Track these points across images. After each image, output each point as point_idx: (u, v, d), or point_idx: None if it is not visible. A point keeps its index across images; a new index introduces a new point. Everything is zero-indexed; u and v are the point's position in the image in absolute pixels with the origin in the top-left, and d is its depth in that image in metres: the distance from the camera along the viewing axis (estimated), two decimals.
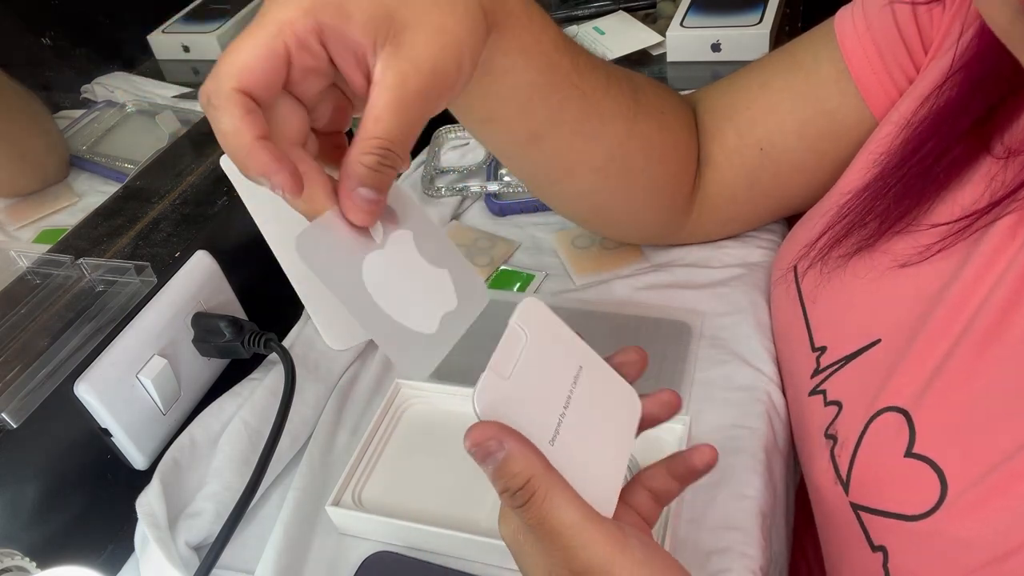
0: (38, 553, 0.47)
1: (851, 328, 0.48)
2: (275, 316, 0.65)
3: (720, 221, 0.64)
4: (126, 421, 0.55)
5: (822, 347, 0.49)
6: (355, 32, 0.34)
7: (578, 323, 0.64)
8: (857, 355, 0.47)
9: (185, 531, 0.53)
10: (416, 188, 0.78)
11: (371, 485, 0.53)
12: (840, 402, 0.46)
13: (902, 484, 0.41)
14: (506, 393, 0.34)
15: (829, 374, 0.48)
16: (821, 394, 0.48)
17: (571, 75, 0.48)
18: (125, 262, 0.57)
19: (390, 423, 0.56)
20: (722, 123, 0.59)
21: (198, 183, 0.68)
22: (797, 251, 0.54)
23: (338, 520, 0.51)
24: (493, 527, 0.48)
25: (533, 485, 0.33)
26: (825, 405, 0.48)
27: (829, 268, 0.50)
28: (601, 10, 1.06)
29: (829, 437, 0.46)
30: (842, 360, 0.48)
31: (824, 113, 0.56)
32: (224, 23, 0.98)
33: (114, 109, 0.90)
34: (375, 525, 0.50)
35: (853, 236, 0.48)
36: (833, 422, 0.46)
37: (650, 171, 0.56)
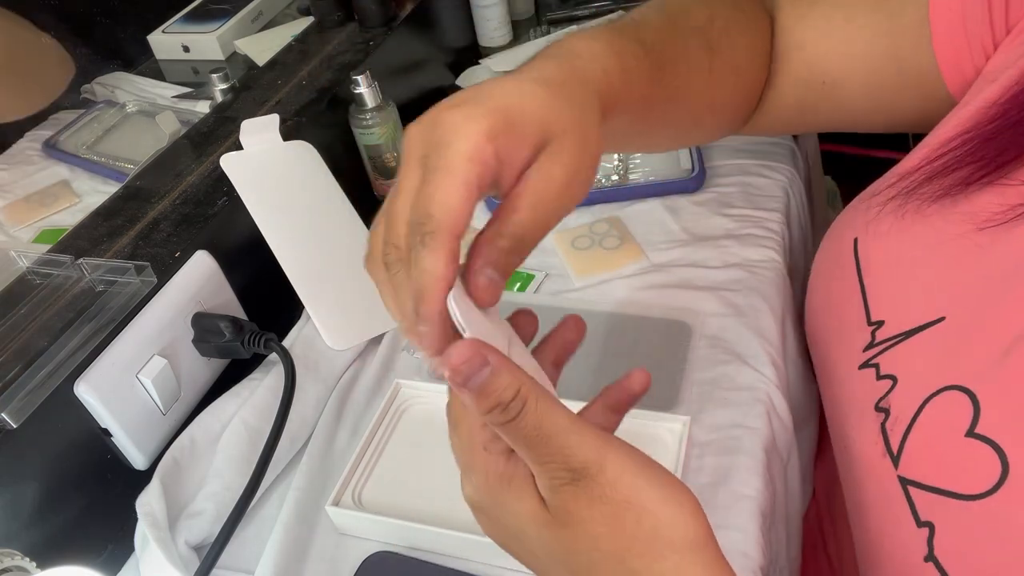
0: (38, 553, 0.47)
1: (914, 302, 0.46)
2: (275, 316, 0.65)
3: (766, 131, 0.65)
4: (126, 421, 0.55)
5: (879, 321, 0.48)
6: (524, 150, 0.36)
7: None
8: (919, 331, 0.45)
9: (185, 531, 0.53)
10: None
11: (371, 485, 0.53)
12: (895, 376, 0.45)
13: (960, 463, 0.40)
14: None
15: (885, 348, 0.47)
16: (874, 368, 0.47)
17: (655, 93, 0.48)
18: (125, 262, 0.57)
19: (390, 423, 0.56)
20: (794, 52, 0.59)
21: (198, 183, 0.68)
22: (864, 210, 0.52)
23: (338, 520, 0.51)
24: None
25: (524, 392, 0.33)
26: (878, 379, 0.46)
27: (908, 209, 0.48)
28: (601, 10, 1.06)
29: (880, 410, 0.45)
30: (901, 335, 0.46)
31: (894, 60, 0.55)
32: (224, 23, 0.98)
33: (114, 109, 0.90)
34: (375, 525, 0.50)
35: (947, 176, 0.46)
36: (886, 396, 0.45)
37: (718, 111, 0.58)
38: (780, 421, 0.57)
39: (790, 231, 0.73)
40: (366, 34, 0.88)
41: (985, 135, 0.46)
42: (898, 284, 0.48)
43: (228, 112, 0.77)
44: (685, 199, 0.75)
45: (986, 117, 0.46)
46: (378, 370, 0.64)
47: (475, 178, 0.34)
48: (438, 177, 0.34)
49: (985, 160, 0.45)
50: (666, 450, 0.51)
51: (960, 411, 0.41)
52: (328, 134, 0.77)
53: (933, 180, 0.47)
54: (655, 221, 0.73)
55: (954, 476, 0.40)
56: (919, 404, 0.43)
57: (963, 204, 0.46)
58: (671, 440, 0.51)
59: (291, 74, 0.82)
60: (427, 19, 0.97)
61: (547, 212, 0.37)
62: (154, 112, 0.87)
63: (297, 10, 1.06)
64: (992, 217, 0.44)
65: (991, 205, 0.44)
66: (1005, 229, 0.43)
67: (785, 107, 0.61)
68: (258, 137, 0.67)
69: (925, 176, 0.48)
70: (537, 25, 1.10)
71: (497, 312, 0.38)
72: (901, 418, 0.44)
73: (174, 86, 0.95)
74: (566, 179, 0.37)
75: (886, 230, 0.49)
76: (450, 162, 0.34)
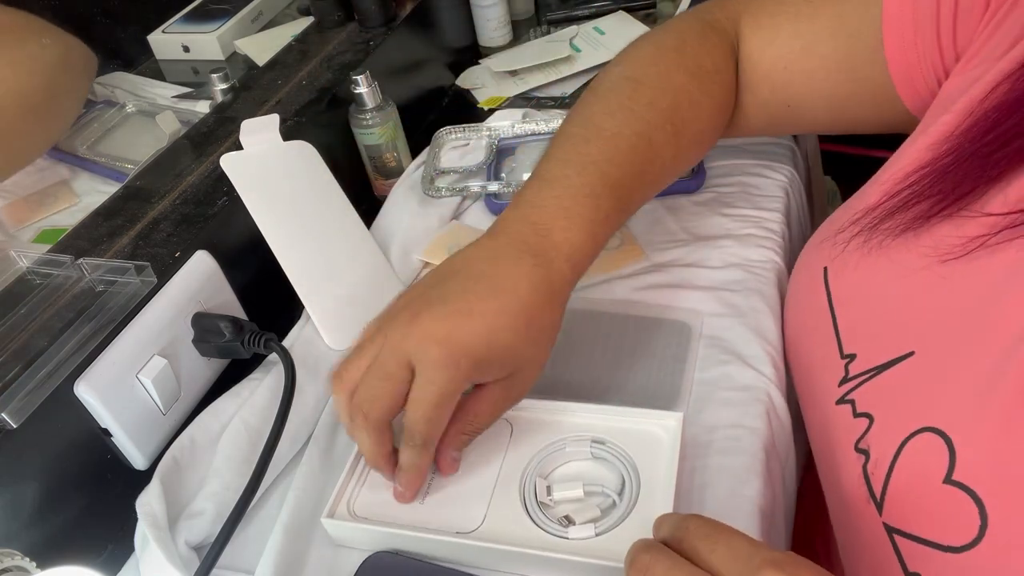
0: (38, 553, 0.47)
1: (883, 336, 0.46)
2: (275, 316, 0.65)
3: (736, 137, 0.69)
4: (126, 421, 0.55)
5: (851, 354, 0.48)
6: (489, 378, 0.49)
7: (578, 323, 0.65)
8: (889, 366, 0.45)
9: (185, 531, 0.53)
10: (416, 188, 0.78)
11: (364, 495, 0.52)
12: (871, 415, 0.45)
13: (940, 512, 0.39)
14: None
15: (859, 383, 0.47)
16: (850, 404, 0.47)
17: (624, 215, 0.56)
18: (125, 262, 0.57)
19: None
20: (759, 79, 0.62)
21: (198, 183, 0.68)
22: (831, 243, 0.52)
23: (334, 531, 0.51)
24: (490, 530, 0.48)
25: None
26: (854, 416, 0.46)
27: (872, 245, 0.48)
28: (601, 10, 1.06)
29: (860, 451, 0.45)
30: (873, 370, 0.46)
31: (853, 81, 0.57)
32: (224, 23, 0.98)
33: (114, 109, 0.90)
34: (371, 535, 0.50)
35: (908, 211, 0.47)
36: (864, 436, 0.45)
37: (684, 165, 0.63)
38: (780, 421, 0.57)
39: (790, 231, 0.73)
40: (366, 34, 0.88)
41: (941, 169, 0.46)
42: (867, 316, 0.48)
43: (228, 112, 0.77)
44: (685, 199, 0.75)
45: (942, 151, 0.47)
46: None
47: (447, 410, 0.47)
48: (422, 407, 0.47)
49: (943, 194, 0.45)
50: (661, 447, 0.51)
51: (936, 456, 0.40)
52: (328, 134, 0.77)
53: (894, 215, 0.48)
54: (655, 221, 0.73)
55: (936, 526, 0.39)
56: (896, 447, 0.42)
57: (924, 237, 0.46)
58: (666, 437, 0.51)
59: (291, 74, 0.82)
60: (427, 19, 0.97)
61: (499, 415, 0.51)
62: (154, 112, 0.87)
63: (297, 10, 1.06)
64: (952, 249, 0.44)
65: (951, 238, 0.44)
66: (965, 261, 0.43)
67: (752, 125, 0.65)
68: (258, 137, 0.67)
69: (886, 212, 0.48)
70: (537, 25, 1.10)
71: None
72: (881, 462, 0.43)
73: (174, 86, 0.95)
74: (521, 394, 0.51)
75: (854, 263, 0.50)
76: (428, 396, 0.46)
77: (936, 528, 0.39)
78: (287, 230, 0.65)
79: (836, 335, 0.49)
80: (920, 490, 0.40)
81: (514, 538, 0.47)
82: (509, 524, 0.49)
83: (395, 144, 0.81)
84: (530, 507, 0.50)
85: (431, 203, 0.77)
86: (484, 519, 0.49)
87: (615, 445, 0.52)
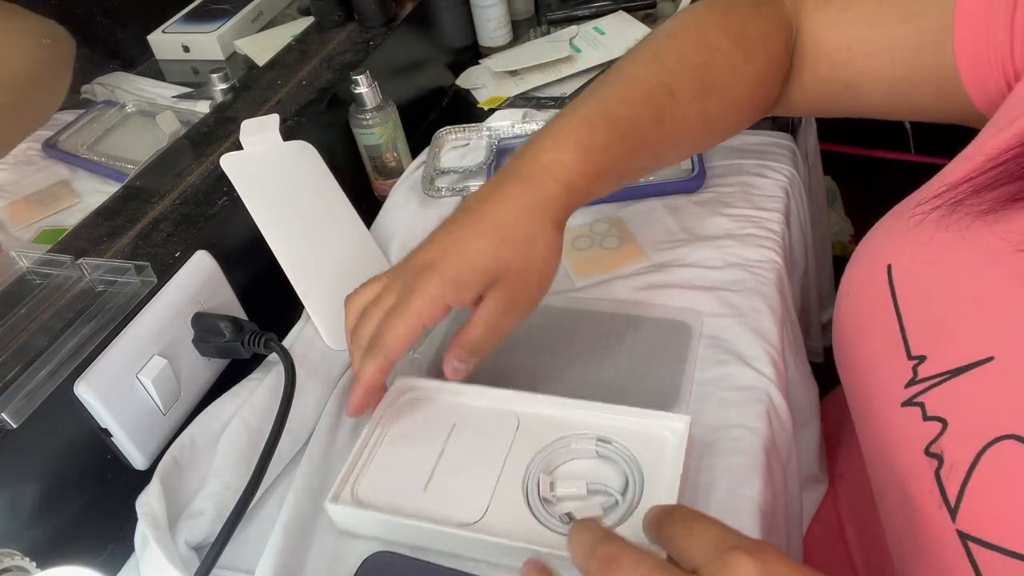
0: (38, 553, 0.47)
1: (959, 338, 0.44)
2: (275, 316, 0.65)
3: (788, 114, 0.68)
4: (126, 421, 0.55)
5: (920, 355, 0.46)
6: (471, 294, 0.51)
7: (578, 323, 0.65)
8: (965, 370, 0.43)
9: (185, 531, 0.53)
10: (416, 188, 0.78)
11: (368, 482, 0.52)
12: (944, 419, 0.43)
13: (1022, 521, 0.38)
14: None
15: (929, 386, 0.44)
16: (919, 407, 0.45)
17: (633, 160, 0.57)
18: (125, 262, 0.57)
19: (389, 419, 0.56)
20: (819, 55, 0.61)
21: (198, 183, 0.68)
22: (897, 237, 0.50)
23: (337, 517, 0.51)
24: (491, 523, 0.48)
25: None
26: (924, 419, 0.44)
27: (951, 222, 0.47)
28: (601, 10, 1.06)
29: (932, 455, 0.43)
30: (946, 373, 0.44)
31: (920, 67, 0.56)
32: (224, 23, 0.98)
33: (114, 109, 0.90)
34: (373, 522, 0.50)
35: (994, 191, 0.45)
36: (936, 440, 0.43)
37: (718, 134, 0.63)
38: (780, 421, 0.57)
39: (790, 231, 0.73)
40: (366, 34, 0.88)
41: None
42: (940, 317, 0.46)
43: (228, 112, 0.77)
44: (685, 199, 0.75)
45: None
46: None
47: (420, 327, 0.51)
48: (396, 320, 0.51)
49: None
50: (667, 449, 0.51)
51: (1019, 464, 0.38)
52: (328, 134, 0.77)
53: (980, 193, 0.46)
54: (655, 221, 0.73)
55: (1017, 535, 0.38)
56: (976, 453, 0.40)
57: (1008, 222, 0.44)
58: (672, 439, 0.51)
59: (291, 74, 0.82)
60: (427, 19, 0.97)
61: (495, 329, 0.52)
62: (154, 112, 0.87)
63: (297, 10, 1.06)
64: None
65: None
66: None
67: (806, 103, 0.64)
68: (258, 137, 0.67)
69: (972, 189, 0.46)
70: (537, 25, 1.10)
71: None
72: (957, 467, 0.41)
73: (174, 86, 0.95)
74: (506, 306, 0.52)
75: (923, 257, 0.48)
76: (407, 312, 0.51)
77: (1017, 537, 0.38)
78: (287, 230, 0.65)
79: (903, 335, 0.47)
80: (1002, 498, 0.39)
81: (515, 532, 0.47)
82: (510, 518, 0.49)
83: (395, 144, 0.81)
84: (532, 502, 0.49)
85: (431, 203, 0.77)
86: (486, 512, 0.49)
87: (621, 445, 0.52)
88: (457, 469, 0.52)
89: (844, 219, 1.64)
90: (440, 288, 0.51)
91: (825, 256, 0.99)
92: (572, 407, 0.54)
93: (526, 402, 0.54)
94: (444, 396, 0.57)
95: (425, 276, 0.51)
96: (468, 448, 0.53)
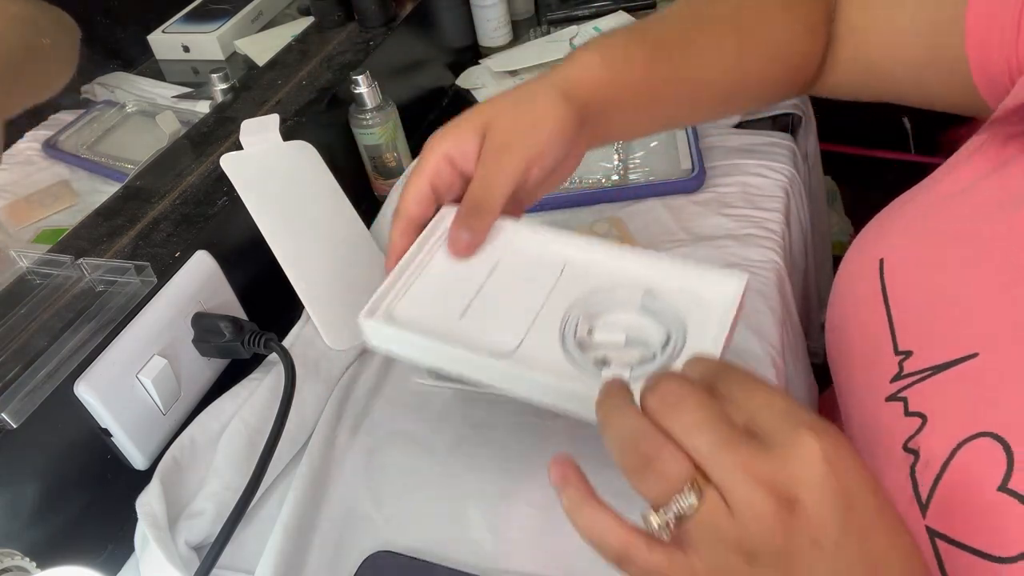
0: (38, 553, 0.47)
1: (945, 335, 0.44)
2: (275, 316, 0.65)
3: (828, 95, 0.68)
4: (126, 421, 0.55)
5: (907, 351, 0.46)
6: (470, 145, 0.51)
7: None
8: (949, 366, 0.43)
9: (185, 531, 0.53)
10: None
11: (405, 303, 0.50)
12: (924, 415, 0.43)
13: (991, 520, 0.37)
14: None
15: (914, 381, 0.44)
16: (902, 402, 0.45)
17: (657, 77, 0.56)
18: (125, 262, 0.57)
19: (433, 247, 0.53)
20: (850, 32, 0.62)
21: (198, 183, 0.68)
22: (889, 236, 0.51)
23: (369, 332, 0.49)
24: (523, 357, 0.46)
25: None
26: (906, 415, 0.44)
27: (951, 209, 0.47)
28: (601, 10, 1.06)
29: (909, 451, 0.43)
30: (930, 369, 0.44)
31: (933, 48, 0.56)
32: (224, 23, 0.98)
33: (114, 109, 0.90)
34: (406, 342, 0.48)
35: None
36: (915, 435, 0.43)
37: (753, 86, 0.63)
38: None
39: (790, 231, 0.73)
40: (366, 34, 0.88)
41: None
42: (928, 314, 0.46)
43: (228, 112, 0.77)
44: (685, 199, 0.75)
45: None
46: (378, 370, 0.64)
47: (426, 183, 0.51)
48: (408, 180, 0.52)
49: None
50: (715, 311, 0.47)
51: (992, 462, 0.38)
52: (328, 134, 0.77)
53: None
54: (655, 221, 0.73)
55: (984, 534, 0.37)
56: (951, 449, 0.40)
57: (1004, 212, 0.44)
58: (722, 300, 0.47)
59: (291, 74, 0.82)
60: (427, 19, 0.97)
61: (490, 179, 0.50)
62: (154, 112, 0.87)
63: (297, 10, 1.06)
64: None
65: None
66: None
67: (837, 83, 0.64)
68: (258, 137, 0.67)
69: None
70: (537, 25, 1.10)
71: None
72: (931, 463, 0.41)
73: (174, 86, 0.95)
74: (496, 151, 0.50)
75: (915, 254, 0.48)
76: (415, 170, 0.51)
77: (984, 536, 0.37)
78: (287, 230, 0.65)
79: (891, 330, 0.47)
80: (971, 496, 0.39)
81: (546, 367, 0.45)
82: (543, 353, 0.47)
83: (395, 144, 0.81)
84: (567, 342, 0.47)
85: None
86: (520, 344, 0.47)
87: (668, 301, 0.48)
88: (496, 303, 0.50)
89: (844, 219, 1.64)
90: (440, 139, 0.51)
91: (825, 256, 0.99)
92: (621, 256, 0.51)
93: (576, 246, 0.52)
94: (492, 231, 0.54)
95: (436, 136, 0.52)
96: (509, 284, 0.51)
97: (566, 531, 0.34)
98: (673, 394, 0.32)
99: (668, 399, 0.32)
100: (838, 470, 0.30)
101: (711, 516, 0.31)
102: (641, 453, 0.32)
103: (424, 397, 0.62)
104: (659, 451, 0.31)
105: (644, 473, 0.32)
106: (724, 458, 0.30)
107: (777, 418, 0.31)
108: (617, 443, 0.33)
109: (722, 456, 0.30)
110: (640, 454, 0.32)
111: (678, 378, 0.33)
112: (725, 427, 0.31)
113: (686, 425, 0.31)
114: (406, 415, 0.61)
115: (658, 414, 0.32)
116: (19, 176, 0.83)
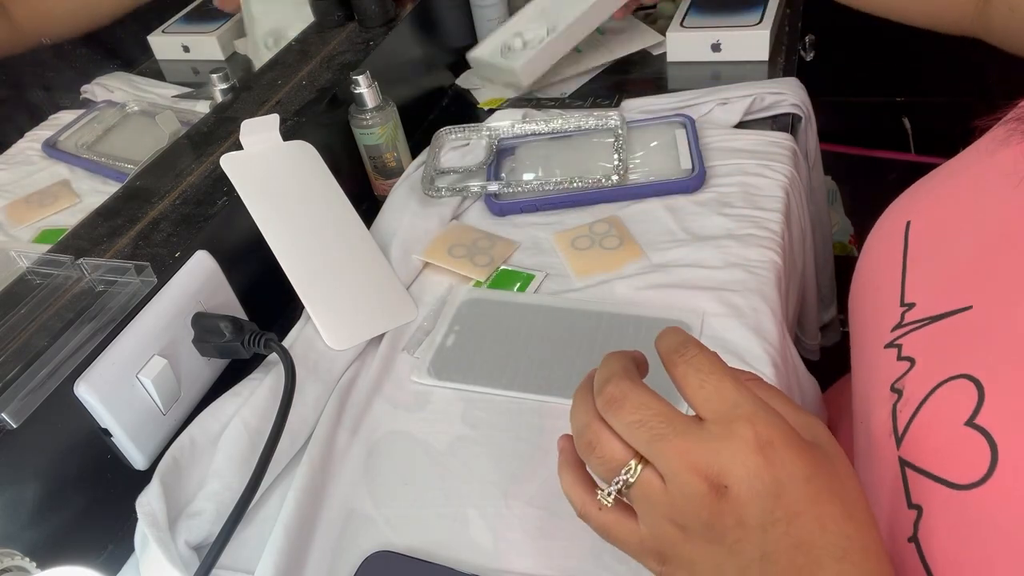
0: (38, 553, 0.47)
1: (947, 289, 0.47)
2: (275, 316, 0.65)
3: None
4: (126, 421, 0.55)
5: (911, 303, 0.49)
6: None
7: (578, 323, 0.65)
8: (944, 317, 0.46)
9: (185, 531, 0.53)
10: (416, 188, 0.78)
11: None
12: (913, 359, 0.46)
13: (955, 451, 0.40)
14: None
15: (910, 330, 0.48)
16: (896, 348, 0.48)
17: None
18: (125, 262, 0.57)
19: None
20: None
21: (198, 183, 0.68)
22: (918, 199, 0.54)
23: None
24: None
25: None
26: (898, 359, 0.47)
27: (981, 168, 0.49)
28: None
29: (894, 391, 0.46)
30: (927, 319, 0.47)
31: None
32: (224, 23, 0.98)
33: (114, 109, 0.90)
34: None
35: None
36: (902, 377, 0.46)
37: None
38: None
39: (790, 231, 0.73)
40: (366, 34, 0.88)
41: None
42: (936, 268, 0.49)
43: (228, 112, 0.77)
44: (685, 199, 0.75)
45: None
46: (378, 370, 0.64)
47: None
48: None
49: None
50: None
51: (965, 399, 0.41)
52: (328, 134, 0.77)
53: None
54: (655, 221, 0.73)
55: (948, 463, 0.41)
56: (930, 389, 0.43)
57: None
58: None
59: (291, 74, 0.82)
60: (427, 19, 0.97)
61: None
62: (154, 112, 0.87)
63: None
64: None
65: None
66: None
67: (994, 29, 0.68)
68: (258, 137, 0.67)
69: None
70: None
71: None
72: (911, 400, 0.44)
73: (174, 86, 0.95)
74: None
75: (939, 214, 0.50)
76: None
77: (947, 465, 0.40)
78: (287, 230, 0.65)
79: (902, 284, 0.50)
80: (940, 429, 0.42)
81: None
82: None
83: (395, 144, 0.81)
84: None
85: (431, 203, 0.77)
86: None
87: None
88: None
89: (844, 219, 1.64)
90: None
91: (825, 256, 0.99)
92: None
93: None
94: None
95: None
96: None
97: (566, 531, 0.35)
98: (616, 399, 0.38)
99: (612, 403, 0.38)
100: (771, 460, 0.34)
101: (645, 490, 0.37)
102: (586, 441, 0.38)
103: (424, 397, 0.62)
104: (598, 439, 0.38)
105: (589, 456, 0.38)
106: (660, 449, 0.36)
107: (724, 406, 0.36)
108: (574, 430, 0.40)
109: (658, 448, 0.36)
110: (585, 441, 0.38)
111: (624, 382, 0.38)
112: (661, 424, 0.36)
113: (627, 424, 0.37)
114: (406, 415, 0.61)
115: (603, 413, 0.38)
116: (19, 176, 0.83)
